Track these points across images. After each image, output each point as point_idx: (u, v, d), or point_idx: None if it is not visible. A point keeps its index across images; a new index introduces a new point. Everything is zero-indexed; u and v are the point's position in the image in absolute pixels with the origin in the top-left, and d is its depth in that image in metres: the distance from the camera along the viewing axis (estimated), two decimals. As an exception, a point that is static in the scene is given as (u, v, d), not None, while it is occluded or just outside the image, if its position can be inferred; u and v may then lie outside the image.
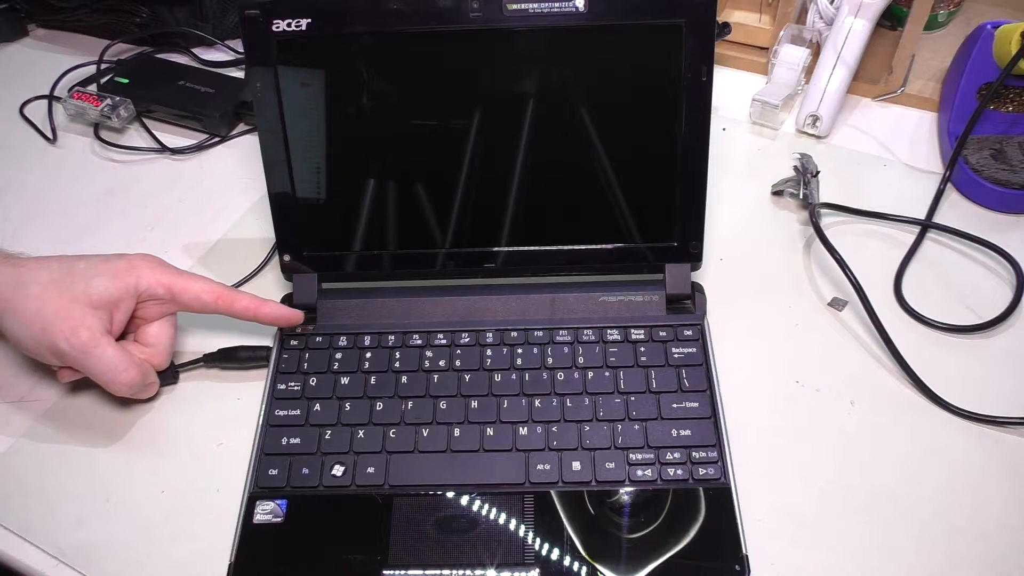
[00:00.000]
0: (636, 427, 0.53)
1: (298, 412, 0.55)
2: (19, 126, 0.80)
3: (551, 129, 0.58)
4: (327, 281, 0.61)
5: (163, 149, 0.77)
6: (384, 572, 0.48)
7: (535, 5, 0.55)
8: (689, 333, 0.57)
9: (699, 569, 0.47)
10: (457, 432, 0.53)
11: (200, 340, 0.60)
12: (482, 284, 0.61)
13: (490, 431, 0.53)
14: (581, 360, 0.56)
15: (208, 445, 0.55)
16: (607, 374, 0.56)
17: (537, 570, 0.47)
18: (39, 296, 0.52)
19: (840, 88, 0.74)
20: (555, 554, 0.48)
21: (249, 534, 0.49)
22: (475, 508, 0.50)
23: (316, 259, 0.60)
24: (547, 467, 0.51)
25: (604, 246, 0.59)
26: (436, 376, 0.56)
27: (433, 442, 0.53)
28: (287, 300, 0.60)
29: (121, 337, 0.55)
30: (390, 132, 0.58)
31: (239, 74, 0.83)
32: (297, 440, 0.53)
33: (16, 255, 0.56)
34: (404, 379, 0.56)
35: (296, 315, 0.58)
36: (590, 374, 0.56)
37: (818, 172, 0.69)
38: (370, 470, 0.52)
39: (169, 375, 0.57)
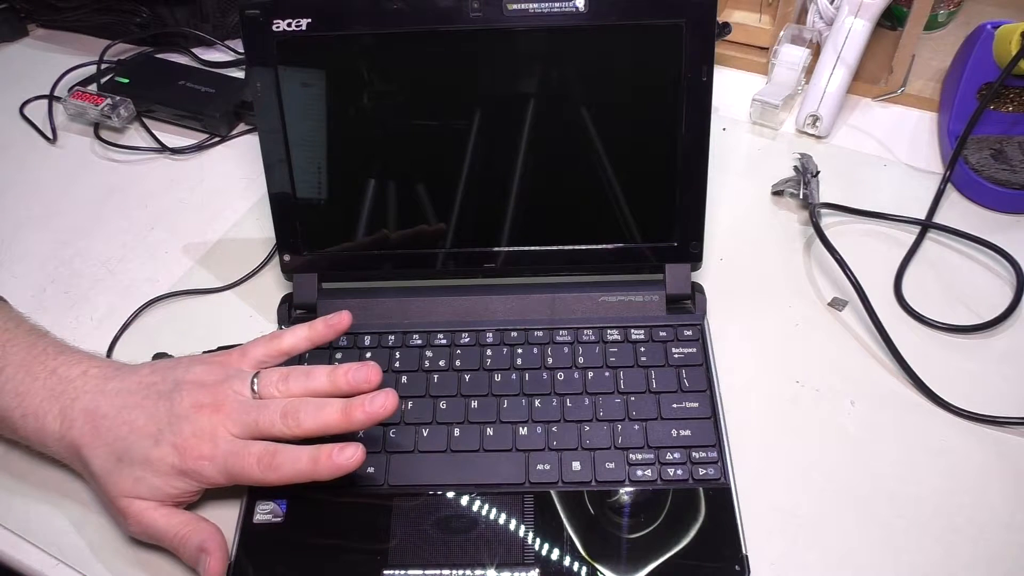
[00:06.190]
0: (636, 427, 0.53)
1: (298, 412, 0.54)
2: (19, 126, 0.80)
3: (551, 129, 0.58)
4: (327, 281, 0.61)
5: (163, 149, 0.77)
6: (384, 572, 0.47)
7: (535, 5, 0.55)
8: (689, 333, 0.57)
9: (699, 569, 0.47)
10: (457, 432, 0.53)
11: (200, 338, 0.60)
12: (482, 284, 0.61)
13: (490, 431, 0.53)
14: (581, 360, 0.56)
15: (208, 445, 0.55)
16: (607, 374, 0.55)
17: (537, 570, 0.47)
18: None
19: (840, 88, 0.74)
20: (555, 554, 0.48)
21: (249, 534, 0.49)
22: (475, 508, 0.50)
23: (316, 259, 0.60)
24: (547, 467, 0.51)
25: (604, 246, 0.59)
26: (436, 376, 0.56)
27: (433, 442, 0.53)
28: (287, 300, 0.61)
29: None
30: (390, 132, 0.58)
31: (239, 74, 0.83)
32: (297, 440, 0.53)
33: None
34: (404, 379, 0.56)
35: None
36: (590, 374, 0.56)
37: (818, 172, 0.69)
38: (370, 470, 0.52)
39: None
